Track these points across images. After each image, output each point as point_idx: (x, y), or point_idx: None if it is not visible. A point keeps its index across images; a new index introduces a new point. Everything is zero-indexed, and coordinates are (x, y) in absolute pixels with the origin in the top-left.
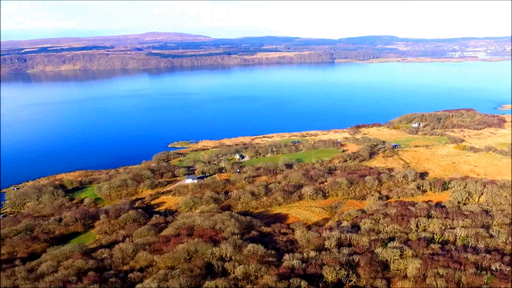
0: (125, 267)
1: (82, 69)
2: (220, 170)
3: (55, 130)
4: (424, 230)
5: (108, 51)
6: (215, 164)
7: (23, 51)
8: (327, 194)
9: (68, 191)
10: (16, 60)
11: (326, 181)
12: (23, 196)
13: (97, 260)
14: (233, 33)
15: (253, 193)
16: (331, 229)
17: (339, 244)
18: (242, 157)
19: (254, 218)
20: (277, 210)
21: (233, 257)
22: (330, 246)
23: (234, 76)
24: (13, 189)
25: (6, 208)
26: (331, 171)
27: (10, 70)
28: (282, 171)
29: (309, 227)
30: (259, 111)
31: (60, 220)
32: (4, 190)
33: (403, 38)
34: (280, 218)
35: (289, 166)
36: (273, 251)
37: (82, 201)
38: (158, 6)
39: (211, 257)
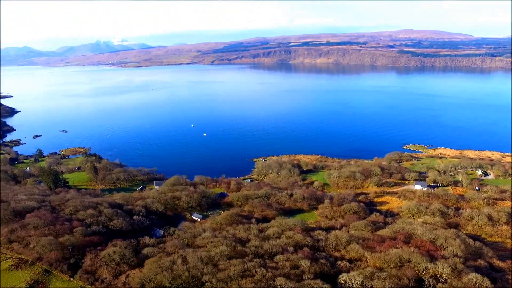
0: (336, 254)
1: (335, 63)
2: (455, 183)
3: (299, 116)
4: None
5: (361, 47)
6: (450, 175)
7: (290, 44)
8: None
9: (302, 172)
10: (283, 52)
11: None
12: (267, 167)
13: (313, 239)
14: (501, 31)
15: (490, 218)
16: None
17: None
18: (486, 174)
19: (486, 246)
20: None
21: (448, 281)
22: None
23: (495, 81)
24: (262, 160)
25: (253, 175)
26: None
27: (277, 60)
28: None
29: None
30: None
31: (291, 195)
32: (254, 160)
33: None
34: None
35: None
36: None
37: (312, 183)
38: (416, 5)
39: (423, 272)
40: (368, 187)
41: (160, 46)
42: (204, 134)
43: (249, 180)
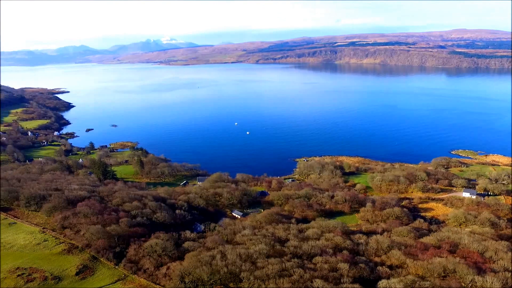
0: (376, 259)
1: (381, 63)
2: (508, 192)
3: (343, 117)
4: None
5: (409, 47)
6: (503, 184)
7: (336, 44)
8: None
9: (345, 173)
10: (329, 52)
11: None
12: (309, 168)
13: (353, 243)
14: None
15: None
16: None
17: None
18: None
19: None
20: None
21: None
22: None
23: None
24: (304, 160)
25: (295, 175)
26: None
27: (323, 60)
28: None
29: None
30: None
31: (332, 196)
32: (296, 160)
33: None
34: None
35: None
36: None
37: (354, 185)
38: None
39: (469, 284)
40: (412, 192)
41: (207, 45)
42: (248, 133)
43: (290, 180)
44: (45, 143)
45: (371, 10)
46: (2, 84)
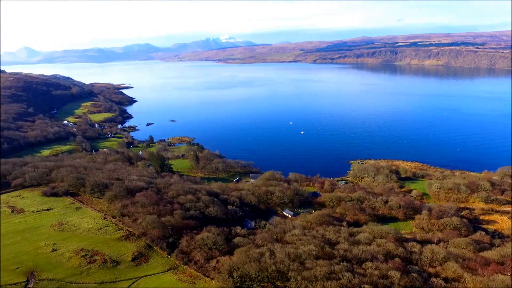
0: (430, 270)
1: (445, 65)
2: None
3: (401, 120)
4: None
5: (477, 48)
6: None
7: (396, 44)
8: None
9: (400, 178)
10: (389, 53)
11: None
12: (363, 171)
13: (406, 251)
14: None
15: None
16: None
17: None
18: None
19: None
20: None
21: None
22: None
23: None
24: (358, 163)
25: (348, 177)
26: None
27: (382, 61)
28: None
29: None
30: None
31: (386, 201)
32: (351, 162)
33: None
34: None
35: None
36: None
37: (410, 191)
38: None
39: None
40: (473, 202)
41: (265, 44)
42: (302, 132)
43: (343, 182)
44: (110, 135)
45: (435, 9)
46: (75, 79)
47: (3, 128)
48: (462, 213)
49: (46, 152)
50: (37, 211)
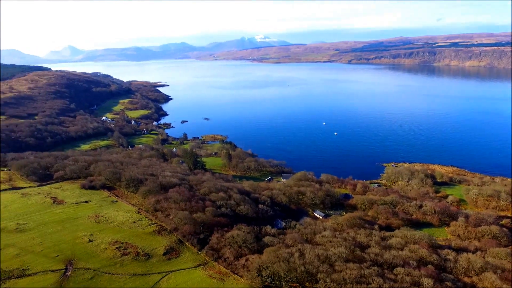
0: (466, 279)
1: (487, 66)
2: None
3: (438, 123)
4: None
5: None
6: None
7: (435, 45)
8: None
9: (436, 183)
10: (427, 53)
11: None
12: (397, 174)
13: (440, 258)
14: None
15: None
16: None
17: None
18: None
19: None
20: None
21: None
22: None
23: None
24: (392, 166)
25: (382, 180)
26: None
27: (420, 62)
28: None
29: None
30: None
31: (421, 206)
32: (384, 164)
33: None
34: None
35: None
36: None
37: (446, 197)
38: None
39: None
40: None
41: (300, 44)
42: (335, 133)
43: (376, 184)
44: (145, 131)
45: (478, 8)
46: (114, 77)
47: (48, 123)
48: (502, 222)
49: (85, 147)
50: (76, 203)
